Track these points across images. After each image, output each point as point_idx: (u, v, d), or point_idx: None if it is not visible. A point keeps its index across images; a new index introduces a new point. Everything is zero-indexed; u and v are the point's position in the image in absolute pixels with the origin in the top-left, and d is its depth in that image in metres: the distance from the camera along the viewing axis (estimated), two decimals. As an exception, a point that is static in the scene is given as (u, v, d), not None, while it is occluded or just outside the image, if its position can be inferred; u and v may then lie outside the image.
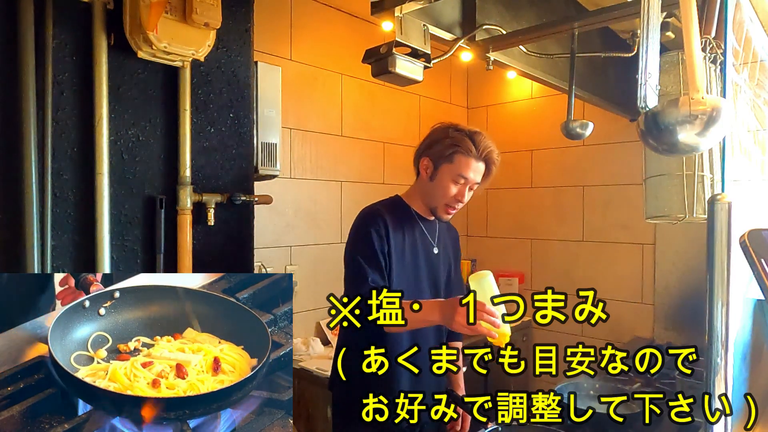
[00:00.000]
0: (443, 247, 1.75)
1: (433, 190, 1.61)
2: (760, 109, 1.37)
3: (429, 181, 1.62)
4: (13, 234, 1.38)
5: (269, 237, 2.56)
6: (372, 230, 1.55)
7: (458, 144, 1.55)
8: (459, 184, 1.59)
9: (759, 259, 0.97)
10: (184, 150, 1.66)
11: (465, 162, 1.56)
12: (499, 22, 1.88)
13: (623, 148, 3.07)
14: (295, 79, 2.68)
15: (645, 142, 1.06)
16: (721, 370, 0.88)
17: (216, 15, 1.56)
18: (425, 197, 1.66)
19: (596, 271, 3.23)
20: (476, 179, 1.60)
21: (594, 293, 1.14)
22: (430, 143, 1.61)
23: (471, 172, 1.57)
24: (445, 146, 1.56)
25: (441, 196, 1.60)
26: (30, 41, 1.38)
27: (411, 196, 1.70)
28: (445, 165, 1.57)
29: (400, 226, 1.63)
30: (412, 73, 1.63)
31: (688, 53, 0.97)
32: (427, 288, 1.68)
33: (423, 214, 1.69)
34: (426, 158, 1.62)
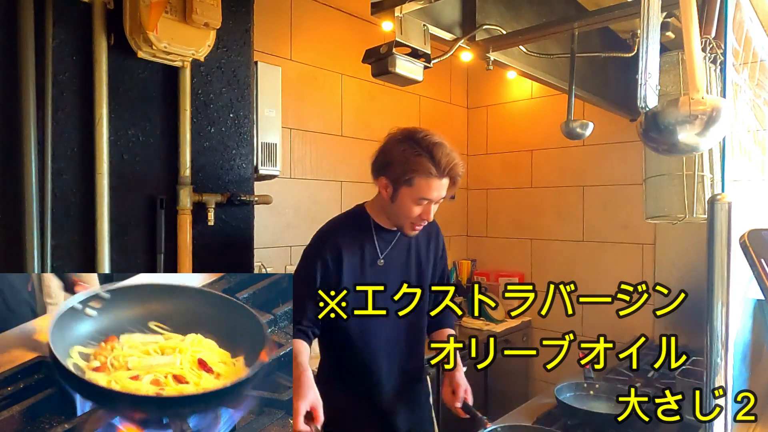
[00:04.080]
0: (410, 254, 1.66)
1: (396, 210, 1.52)
2: (760, 109, 1.37)
3: (390, 203, 1.52)
4: (13, 234, 1.38)
5: (269, 237, 2.56)
6: (318, 263, 1.52)
7: (415, 169, 1.43)
8: (422, 205, 1.49)
9: (759, 259, 0.97)
10: (184, 150, 1.66)
11: (426, 184, 1.45)
12: (499, 22, 1.88)
13: (623, 148, 3.07)
14: (295, 79, 2.68)
15: (645, 142, 1.06)
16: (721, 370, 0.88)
17: (216, 15, 1.56)
18: (389, 215, 1.58)
19: (596, 271, 3.23)
20: (440, 195, 1.49)
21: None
22: (386, 162, 1.50)
23: (434, 192, 1.47)
24: (403, 170, 1.45)
25: (405, 216, 1.51)
26: (30, 41, 1.38)
27: (375, 208, 1.62)
28: (405, 188, 1.46)
29: (357, 243, 1.58)
30: (412, 73, 1.62)
31: (688, 53, 0.97)
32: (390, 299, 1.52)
33: (385, 225, 1.61)
34: (383, 178, 1.51)
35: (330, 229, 1.62)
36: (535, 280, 3.52)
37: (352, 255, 1.56)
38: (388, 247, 1.62)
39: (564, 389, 1.88)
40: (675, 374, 1.91)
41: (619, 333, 3.24)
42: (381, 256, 1.61)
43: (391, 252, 1.62)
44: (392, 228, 1.61)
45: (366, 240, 1.59)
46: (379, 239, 1.61)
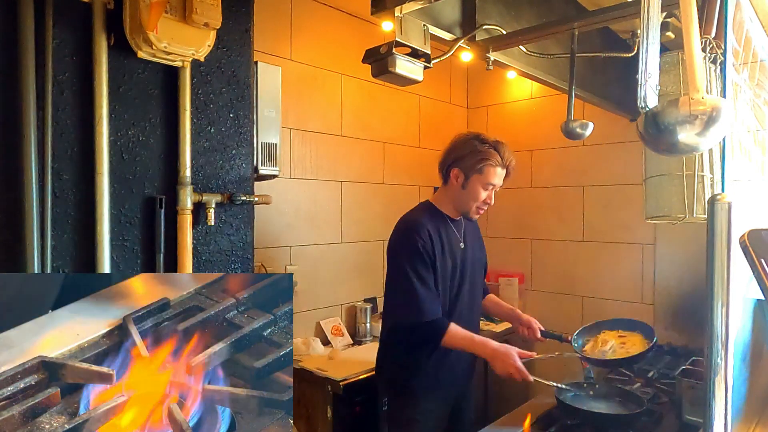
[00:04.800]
0: (470, 241, 1.97)
1: (466, 196, 1.85)
2: (760, 109, 1.37)
3: (461, 189, 1.85)
4: (13, 234, 1.38)
5: (269, 237, 2.57)
6: (419, 245, 1.77)
7: (488, 158, 1.80)
8: (488, 190, 1.84)
9: (759, 259, 0.96)
10: (184, 150, 1.66)
11: (493, 172, 1.82)
12: (499, 22, 1.88)
13: (623, 148, 3.07)
14: (295, 79, 2.68)
15: (645, 142, 1.06)
16: (721, 371, 0.88)
17: (216, 15, 1.56)
18: (456, 202, 1.89)
19: (596, 271, 3.23)
20: (500, 183, 1.86)
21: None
22: (460, 155, 1.84)
23: (497, 179, 1.84)
24: (476, 160, 1.80)
25: (473, 200, 1.85)
26: (30, 41, 1.38)
27: (440, 201, 1.93)
28: (476, 176, 1.82)
29: (437, 230, 1.85)
30: (412, 73, 1.62)
31: (688, 53, 0.97)
32: (467, 278, 1.93)
33: (451, 215, 1.92)
34: (456, 169, 1.85)
35: (416, 219, 1.86)
36: (535, 280, 3.52)
37: (439, 240, 1.84)
38: (461, 233, 1.95)
39: (564, 389, 1.87)
40: (675, 374, 1.91)
41: (619, 333, 3.23)
42: (461, 239, 1.94)
43: (464, 236, 1.96)
44: (457, 218, 1.93)
45: (444, 227, 1.89)
46: (455, 226, 1.93)
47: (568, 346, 2.01)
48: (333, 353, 2.60)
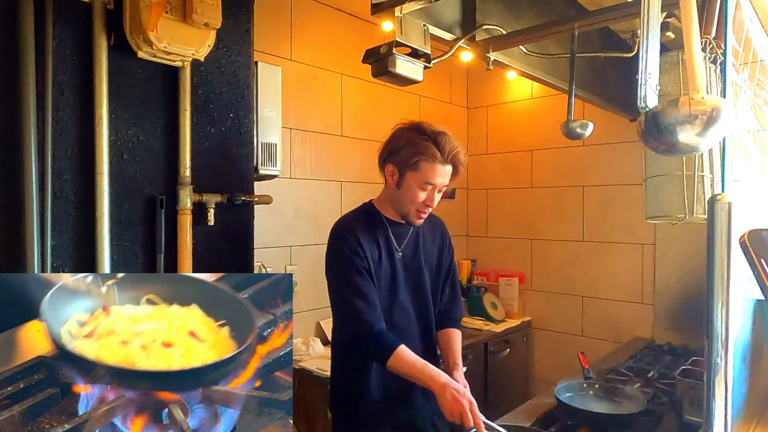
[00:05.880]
0: (420, 249, 1.72)
1: (402, 196, 1.59)
2: (760, 109, 1.37)
3: (396, 189, 1.59)
4: (13, 234, 1.38)
5: (269, 237, 2.56)
6: (346, 251, 1.55)
7: (422, 152, 1.51)
8: (426, 190, 1.56)
9: (759, 259, 0.96)
10: (184, 150, 1.66)
11: (431, 168, 1.53)
12: (499, 22, 1.88)
13: (623, 148, 3.07)
14: (295, 79, 2.68)
15: (645, 142, 1.06)
16: (721, 371, 0.88)
17: (216, 15, 1.56)
18: (394, 203, 1.64)
19: (596, 271, 3.23)
20: (444, 182, 1.57)
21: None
22: (393, 149, 1.57)
23: (438, 177, 1.54)
24: (409, 154, 1.53)
25: (410, 202, 1.58)
26: (30, 41, 1.38)
27: (382, 202, 1.69)
28: (411, 172, 1.54)
29: (373, 235, 1.62)
30: (412, 73, 1.62)
31: (688, 53, 0.97)
32: (407, 294, 1.67)
33: (394, 219, 1.67)
34: (390, 165, 1.59)
35: (346, 224, 1.64)
36: (535, 280, 3.52)
37: (373, 248, 1.60)
38: (403, 240, 1.69)
39: (564, 389, 1.87)
40: (675, 374, 1.91)
41: (619, 333, 3.26)
42: (399, 248, 1.67)
43: (406, 245, 1.69)
44: (402, 221, 1.66)
45: (381, 233, 1.64)
46: (394, 233, 1.67)
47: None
48: (333, 353, 2.60)
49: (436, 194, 1.59)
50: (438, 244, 1.79)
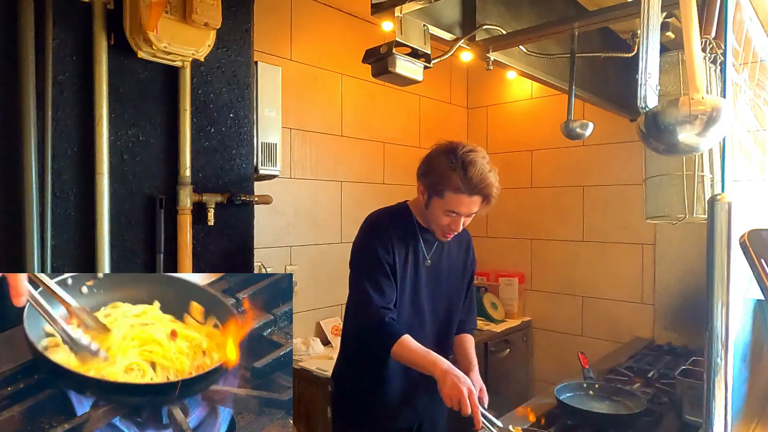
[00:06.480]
0: (444, 259, 1.72)
1: (429, 215, 1.60)
2: (760, 109, 1.37)
3: (425, 207, 1.60)
4: (13, 234, 1.38)
5: (269, 237, 2.56)
6: (377, 245, 1.57)
7: (447, 183, 1.49)
8: (451, 216, 1.55)
9: (759, 259, 0.96)
10: (184, 150, 1.66)
11: (455, 199, 1.51)
12: (499, 22, 1.88)
13: (623, 148, 3.07)
14: (295, 79, 2.68)
15: (645, 142, 1.06)
16: (721, 371, 0.88)
17: (216, 15, 1.56)
18: (423, 217, 1.64)
19: (596, 271, 3.23)
20: (470, 211, 1.55)
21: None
22: (425, 171, 1.57)
23: (463, 207, 1.52)
24: (436, 180, 1.52)
25: (435, 223, 1.59)
26: (30, 41, 1.38)
27: (416, 207, 1.68)
28: (437, 199, 1.54)
29: (403, 237, 1.63)
30: (412, 73, 1.62)
31: (688, 53, 0.97)
32: (426, 300, 1.68)
33: (425, 225, 1.66)
34: (421, 184, 1.59)
35: (381, 223, 1.64)
36: (535, 280, 3.52)
37: (402, 252, 1.62)
38: (432, 249, 1.69)
39: (564, 389, 1.87)
40: (675, 374, 1.91)
41: (619, 333, 3.25)
42: (428, 256, 1.68)
43: (434, 252, 1.69)
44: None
45: (412, 238, 1.65)
46: (424, 240, 1.67)
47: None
48: (333, 353, 2.60)
49: (463, 219, 1.57)
50: (463, 257, 1.80)
